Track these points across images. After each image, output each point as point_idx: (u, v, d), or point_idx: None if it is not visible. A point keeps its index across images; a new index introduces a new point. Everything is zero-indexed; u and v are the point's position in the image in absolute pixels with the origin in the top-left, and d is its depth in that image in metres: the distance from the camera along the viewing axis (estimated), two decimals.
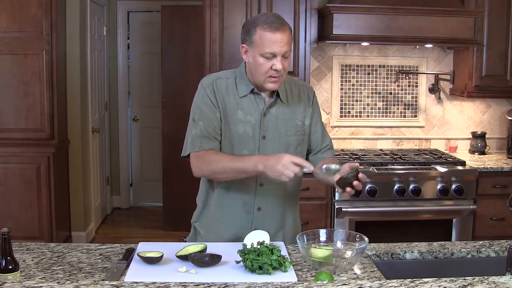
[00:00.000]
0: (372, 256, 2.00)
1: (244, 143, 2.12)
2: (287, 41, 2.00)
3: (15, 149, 4.16)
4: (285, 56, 2.02)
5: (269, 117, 2.13)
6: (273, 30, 1.98)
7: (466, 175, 3.69)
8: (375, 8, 3.63)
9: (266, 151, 2.11)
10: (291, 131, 2.16)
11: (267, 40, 1.98)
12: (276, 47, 1.98)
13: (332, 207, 3.68)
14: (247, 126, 2.11)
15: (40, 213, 4.18)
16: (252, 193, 2.15)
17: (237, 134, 2.11)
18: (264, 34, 1.98)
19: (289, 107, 2.16)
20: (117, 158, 6.13)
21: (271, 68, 2.01)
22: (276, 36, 1.97)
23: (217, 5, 3.78)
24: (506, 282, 1.58)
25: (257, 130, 2.11)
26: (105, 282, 1.62)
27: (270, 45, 1.98)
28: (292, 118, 2.16)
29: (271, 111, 2.13)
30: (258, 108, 2.12)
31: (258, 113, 2.12)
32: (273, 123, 2.13)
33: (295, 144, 2.17)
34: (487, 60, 3.97)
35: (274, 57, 2.00)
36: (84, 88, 4.88)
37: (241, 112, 2.11)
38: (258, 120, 2.11)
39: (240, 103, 2.11)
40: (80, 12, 4.67)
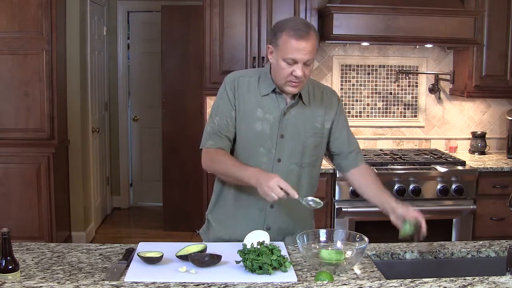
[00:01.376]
0: (372, 256, 2.00)
1: (261, 141, 2.14)
2: (310, 50, 2.01)
3: (15, 149, 4.16)
4: (307, 64, 2.03)
5: (289, 116, 2.15)
6: (298, 37, 1.99)
7: (466, 175, 3.69)
8: (375, 8, 3.63)
9: (284, 150, 2.14)
10: (309, 133, 2.17)
11: (290, 46, 2.00)
12: (298, 54, 2.00)
13: (332, 207, 3.67)
14: (266, 124, 2.13)
15: (40, 213, 4.18)
16: None
17: (255, 131, 2.13)
18: (289, 40, 2.00)
19: (310, 108, 2.18)
20: (117, 158, 6.13)
21: (291, 74, 2.03)
22: (300, 44, 1.99)
23: (217, 5, 3.78)
24: (506, 282, 1.58)
25: (276, 128, 2.13)
26: (105, 282, 1.62)
27: (292, 51, 2.00)
28: (312, 120, 2.18)
29: (292, 111, 2.15)
30: (278, 107, 2.14)
31: (278, 112, 2.14)
32: (293, 123, 2.15)
33: (312, 146, 2.19)
34: (487, 60, 3.97)
35: (295, 64, 2.01)
36: (84, 88, 4.88)
37: (260, 110, 2.13)
38: (277, 118, 2.13)
39: (261, 101, 2.14)
40: (80, 12, 4.67)
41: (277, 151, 2.14)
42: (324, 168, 3.69)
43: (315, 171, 2.27)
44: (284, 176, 2.07)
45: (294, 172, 2.17)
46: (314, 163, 2.23)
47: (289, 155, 2.15)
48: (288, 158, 2.15)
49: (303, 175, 2.20)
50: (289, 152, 2.15)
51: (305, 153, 2.18)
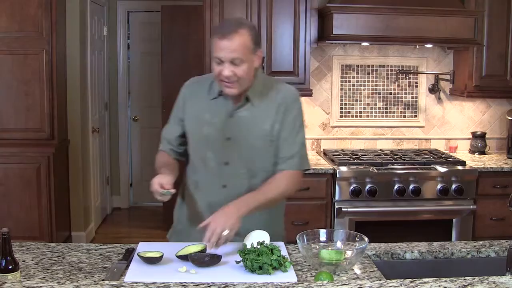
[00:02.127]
0: (372, 256, 2.00)
1: (209, 144, 2.12)
2: (235, 48, 1.95)
3: (15, 149, 4.16)
4: (236, 63, 1.97)
5: (236, 119, 2.10)
6: (221, 36, 1.97)
7: (466, 175, 3.69)
8: (375, 8, 3.64)
9: (230, 153, 2.10)
10: (257, 135, 2.10)
11: (215, 46, 1.99)
12: (221, 53, 1.97)
13: (332, 207, 3.68)
14: (212, 128, 2.11)
15: (40, 213, 4.18)
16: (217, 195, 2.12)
17: (202, 135, 2.12)
18: (214, 40, 2.00)
19: (259, 109, 2.10)
20: (117, 158, 6.13)
21: (220, 73, 2.00)
22: (223, 43, 1.96)
23: (217, 5, 3.78)
24: (506, 282, 1.58)
25: (222, 131, 2.10)
26: (105, 282, 1.62)
27: (217, 51, 1.98)
28: (260, 122, 2.10)
29: (239, 113, 2.10)
30: (225, 109, 2.11)
31: (224, 115, 2.10)
32: (240, 125, 2.09)
33: (262, 149, 2.11)
34: (487, 60, 3.97)
35: (222, 63, 1.99)
36: (84, 88, 4.88)
37: (208, 115, 2.12)
38: (224, 121, 2.10)
39: (209, 105, 2.13)
40: (80, 12, 4.67)
41: (224, 155, 2.10)
42: (324, 168, 3.69)
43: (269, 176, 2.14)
44: (233, 180, 2.10)
45: (244, 176, 2.11)
46: (269, 168, 2.13)
47: (237, 158, 2.10)
48: (236, 161, 2.10)
49: (257, 181, 2.11)
50: (237, 155, 2.09)
51: (256, 157, 2.11)
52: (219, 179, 2.13)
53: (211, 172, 2.13)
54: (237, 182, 2.11)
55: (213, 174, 2.13)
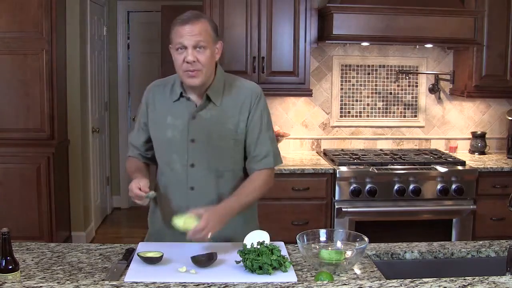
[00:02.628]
0: (372, 256, 2.00)
1: (173, 147, 2.10)
2: (197, 33, 1.96)
3: (15, 149, 4.16)
4: (199, 49, 1.97)
5: (199, 120, 2.08)
6: (181, 23, 1.99)
7: (466, 175, 3.69)
8: (375, 8, 3.64)
9: (196, 155, 2.08)
10: (222, 135, 2.07)
11: (176, 33, 2.00)
12: (184, 38, 1.97)
13: (332, 207, 3.68)
14: (175, 131, 2.09)
15: (40, 213, 4.18)
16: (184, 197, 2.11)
17: (166, 138, 2.11)
18: (175, 28, 2.01)
19: (222, 109, 2.08)
20: (117, 158, 6.12)
21: (184, 61, 1.98)
22: (184, 28, 1.98)
23: (217, 5, 3.78)
24: (506, 282, 1.58)
25: (185, 133, 2.08)
26: (105, 282, 1.62)
27: (179, 37, 1.98)
28: (223, 122, 2.07)
29: (202, 114, 2.08)
30: (187, 111, 2.09)
31: (187, 117, 2.08)
32: (203, 126, 2.07)
33: (228, 150, 2.10)
34: (487, 60, 3.97)
35: (185, 49, 1.98)
36: (84, 88, 4.88)
37: (170, 118, 2.10)
38: (186, 123, 2.08)
39: (171, 108, 2.11)
40: (80, 12, 4.67)
41: (189, 157, 2.08)
42: (324, 168, 3.69)
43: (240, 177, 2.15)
44: (200, 182, 2.09)
45: (211, 177, 2.09)
46: (236, 168, 2.13)
47: (202, 160, 2.08)
48: (201, 163, 2.08)
49: (224, 181, 2.11)
50: (202, 157, 2.07)
51: (221, 158, 2.09)
52: (186, 182, 2.10)
53: (178, 174, 2.11)
54: (204, 183, 2.09)
55: (179, 176, 2.11)
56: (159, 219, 2.24)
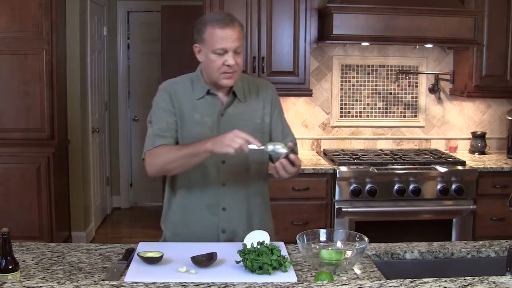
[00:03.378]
0: (372, 256, 2.00)
1: None
2: (237, 37, 2.01)
3: (15, 149, 4.16)
4: (237, 52, 2.02)
5: (227, 117, 2.12)
6: (222, 26, 2.00)
7: (466, 175, 3.69)
8: (375, 8, 3.64)
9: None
10: (250, 130, 2.08)
11: (217, 36, 2.00)
12: (226, 42, 1.99)
13: (332, 207, 3.68)
14: (204, 128, 2.10)
15: (40, 213, 4.18)
16: (215, 194, 2.14)
17: (195, 136, 2.10)
18: (214, 31, 2.00)
19: (247, 105, 2.15)
20: (117, 158, 6.13)
21: (224, 64, 2.01)
22: (225, 32, 1.99)
23: (217, 5, 3.78)
24: (506, 282, 1.58)
25: (215, 131, 2.10)
26: (105, 282, 1.62)
27: (220, 41, 1.99)
28: (250, 116, 2.15)
29: (229, 110, 2.13)
30: (215, 109, 2.12)
31: (215, 114, 2.11)
32: (231, 123, 2.09)
33: None
34: (487, 60, 3.97)
35: (225, 53, 2.01)
36: (84, 88, 4.88)
37: (197, 115, 2.11)
38: (215, 121, 2.11)
39: (196, 105, 2.12)
40: (80, 12, 4.67)
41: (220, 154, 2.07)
42: (324, 168, 3.69)
43: (263, 168, 2.23)
44: (232, 177, 2.11)
45: (241, 172, 2.13)
46: (260, 160, 2.18)
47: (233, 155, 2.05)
48: (232, 158, 2.07)
49: (251, 173, 2.16)
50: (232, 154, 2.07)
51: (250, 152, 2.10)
52: (217, 178, 2.13)
53: (209, 172, 2.12)
54: (236, 178, 2.12)
55: (211, 174, 2.12)
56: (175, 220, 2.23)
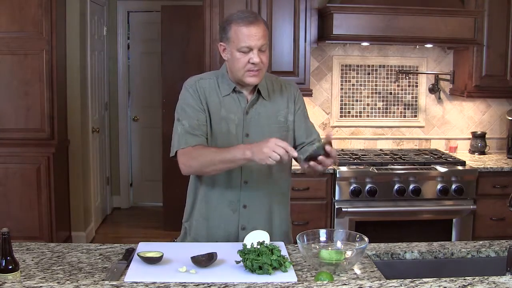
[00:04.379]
0: (372, 256, 2.00)
1: (228, 141, 2.12)
2: (262, 35, 2.02)
3: (15, 149, 4.16)
4: (262, 50, 2.03)
5: (252, 114, 2.14)
6: (247, 24, 2.00)
7: (466, 175, 3.69)
8: (375, 8, 3.64)
9: None
10: (274, 128, 2.16)
11: (242, 34, 2.01)
12: (251, 40, 2.00)
13: (332, 207, 3.68)
14: (231, 125, 2.12)
15: (40, 213, 4.18)
16: (237, 191, 2.15)
17: (221, 132, 2.13)
18: (239, 29, 2.01)
19: (271, 103, 2.17)
20: (117, 158, 6.13)
21: (249, 62, 2.02)
22: (250, 30, 2.00)
23: (217, 5, 3.78)
24: (506, 282, 1.58)
25: (240, 128, 2.13)
26: (105, 282, 1.62)
27: (245, 39, 2.00)
28: (275, 115, 2.17)
29: (254, 108, 2.15)
30: (240, 106, 2.14)
31: (241, 112, 2.13)
32: (256, 121, 2.14)
33: None
34: (487, 60, 3.97)
35: (250, 51, 2.02)
36: (84, 88, 4.88)
37: (224, 111, 2.13)
38: (241, 118, 2.13)
39: (222, 101, 2.13)
40: (80, 12, 4.67)
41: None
42: None
43: (286, 166, 2.24)
44: (254, 175, 2.13)
45: (263, 170, 2.14)
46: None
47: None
48: None
49: (274, 171, 2.18)
50: None
51: None
52: (240, 176, 2.14)
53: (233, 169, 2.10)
54: (258, 176, 2.14)
55: (233, 171, 2.11)
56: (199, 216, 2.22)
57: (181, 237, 2.31)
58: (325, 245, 1.95)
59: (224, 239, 2.16)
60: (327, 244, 1.96)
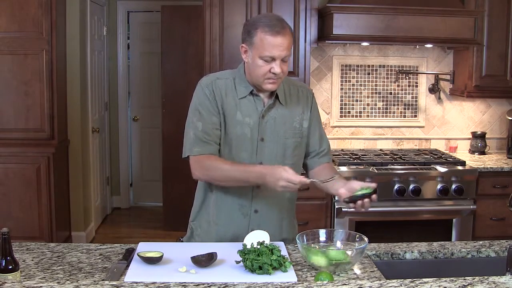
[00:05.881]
0: (372, 256, 2.00)
1: (242, 145, 2.10)
2: (287, 46, 1.98)
3: (15, 149, 4.16)
4: (284, 60, 2.01)
5: (268, 119, 2.12)
6: (274, 33, 1.96)
7: (466, 175, 3.69)
8: (375, 8, 3.63)
9: (264, 153, 2.11)
10: (289, 134, 2.14)
11: (267, 43, 1.97)
12: (276, 51, 1.97)
13: (332, 207, 3.67)
14: (246, 128, 2.09)
15: (40, 213, 4.18)
16: (249, 196, 2.14)
17: (236, 135, 2.10)
18: (265, 37, 1.97)
19: (287, 109, 2.14)
20: (117, 158, 6.13)
21: (270, 71, 2.00)
22: (276, 40, 1.96)
23: (217, 5, 3.78)
24: (506, 282, 1.58)
25: (256, 132, 2.10)
26: (105, 282, 1.62)
27: (270, 48, 1.97)
28: (290, 120, 2.15)
29: (270, 113, 2.12)
30: (256, 109, 2.10)
31: (257, 115, 2.10)
32: (272, 125, 2.12)
33: (293, 147, 2.16)
34: (487, 60, 3.97)
35: (273, 61, 1.99)
36: (84, 88, 4.88)
37: (240, 114, 2.09)
38: (256, 122, 2.10)
39: (239, 104, 2.10)
40: (80, 12, 4.67)
41: (258, 155, 2.11)
42: None
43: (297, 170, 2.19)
44: None
45: None
46: (296, 163, 2.18)
47: (270, 158, 2.11)
48: (269, 161, 2.10)
49: None
50: (270, 155, 2.11)
51: (286, 155, 2.14)
52: None
53: None
54: None
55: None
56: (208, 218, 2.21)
57: (188, 236, 2.30)
58: (325, 245, 1.95)
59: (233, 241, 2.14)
60: (327, 244, 1.96)
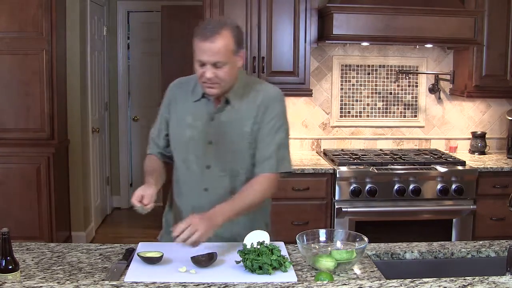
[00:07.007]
0: (372, 256, 2.00)
1: (191, 148, 2.11)
2: (216, 51, 1.92)
3: (15, 149, 4.16)
4: (218, 66, 1.95)
5: (217, 122, 2.08)
6: (203, 39, 1.94)
7: (466, 175, 3.69)
8: (375, 8, 3.64)
9: (212, 156, 2.09)
10: (238, 138, 2.07)
11: (197, 48, 1.97)
12: (204, 56, 1.95)
13: (332, 207, 3.68)
14: (194, 131, 2.09)
15: (40, 213, 4.18)
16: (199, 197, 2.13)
17: (185, 138, 2.11)
18: (196, 42, 1.97)
19: (239, 112, 2.07)
20: (117, 158, 6.13)
21: (203, 75, 1.98)
22: (204, 45, 1.94)
23: (217, 5, 3.78)
24: (506, 282, 1.58)
25: (203, 135, 2.09)
26: (105, 282, 1.62)
27: (199, 53, 1.96)
28: (240, 124, 2.07)
29: (220, 116, 2.08)
30: (206, 112, 2.09)
31: (206, 118, 2.09)
32: (220, 128, 2.07)
33: (242, 151, 2.08)
34: (487, 60, 3.97)
35: (204, 65, 1.97)
36: (84, 88, 4.88)
37: (190, 117, 2.11)
38: (205, 125, 2.09)
39: (192, 107, 2.11)
40: (80, 12, 4.67)
41: (205, 158, 2.09)
42: (324, 168, 3.69)
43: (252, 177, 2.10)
44: (215, 183, 2.09)
45: (225, 179, 2.09)
46: (248, 169, 2.10)
47: (218, 161, 2.08)
48: (217, 165, 2.08)
49: (239, 181, 2.10)
50: (218, 158, 2.08)
51: (237, 160, 2.08)
52: (201, 183, 2.11)
53: (193, 175, 2.12)
54: (219, 184, 2.09)
55: (195, 177, 2.12)
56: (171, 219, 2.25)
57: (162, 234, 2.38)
58: (325, 245, 1.95)
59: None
60: (327, 244, 1.96)
